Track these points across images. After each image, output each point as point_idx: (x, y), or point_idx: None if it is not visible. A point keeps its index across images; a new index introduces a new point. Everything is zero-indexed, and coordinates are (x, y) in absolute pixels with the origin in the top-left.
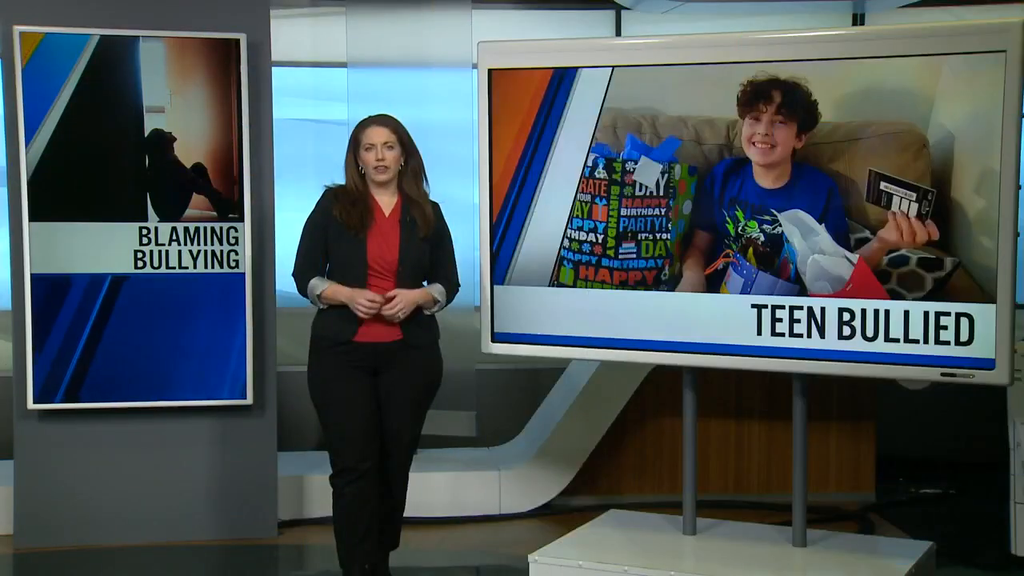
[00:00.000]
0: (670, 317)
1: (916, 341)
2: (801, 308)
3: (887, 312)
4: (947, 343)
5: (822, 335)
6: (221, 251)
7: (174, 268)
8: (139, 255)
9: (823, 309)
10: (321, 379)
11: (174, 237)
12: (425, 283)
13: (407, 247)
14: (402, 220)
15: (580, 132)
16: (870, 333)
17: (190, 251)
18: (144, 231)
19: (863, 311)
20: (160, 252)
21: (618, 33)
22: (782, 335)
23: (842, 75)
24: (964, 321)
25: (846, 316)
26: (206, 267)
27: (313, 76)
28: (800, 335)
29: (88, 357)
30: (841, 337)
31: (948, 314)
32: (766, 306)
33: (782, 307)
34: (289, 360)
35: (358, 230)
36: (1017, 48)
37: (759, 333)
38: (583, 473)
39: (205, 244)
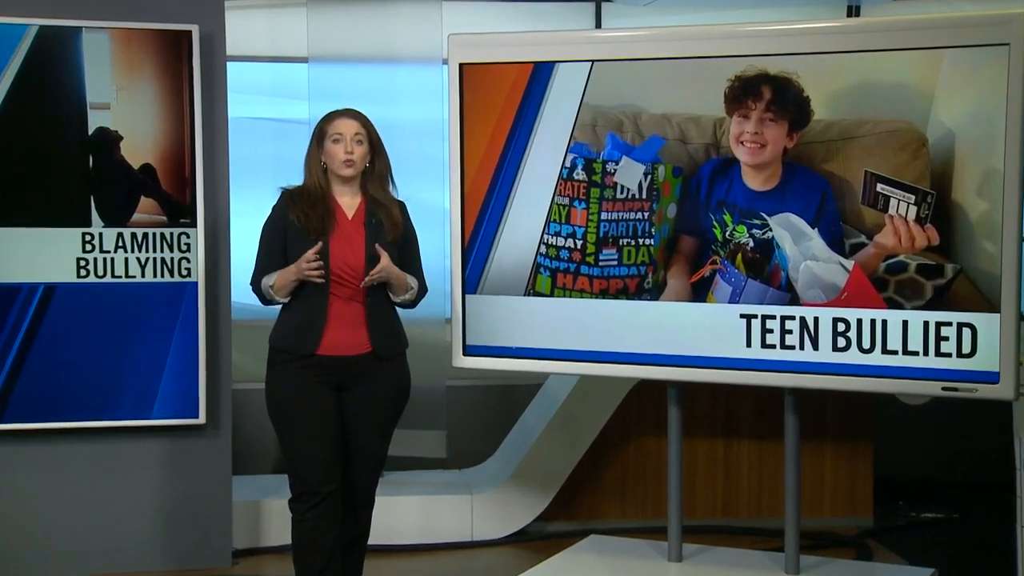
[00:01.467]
0: (654, 328)
1: (915, 353)
2: (793, 318)
3: (884, 322)
4: (948, 355)
5: (815, 347)
6: (172, 259)
7: (120, 277)
8: (82, 263)
9: (816, 319)
10: (280, 395)
11: (120, 244)
12: None
13: (373, 252)
14: (367, 223)
15: (557, 131)
16: (866, 345)
17: (138, 259)
18: (88, 237)
19: (859, 321)
20: (105, 260)
21: (598, 26)
22: (773, 347)
23: (836, 70)
24: (966, 332)
25: (841, 326)
26: (155, 276)
27: (271, 71)
28: (792, 347)
29: (16, 373)
30: (836, 349)
31: (949, 324)
32: (756, 316)
33: (773, 317)
34: (245, 376)
35: (319, 234)
36: (1021, 41)
37: (748, 345)
38: (561, 496)
39: (154, 251)
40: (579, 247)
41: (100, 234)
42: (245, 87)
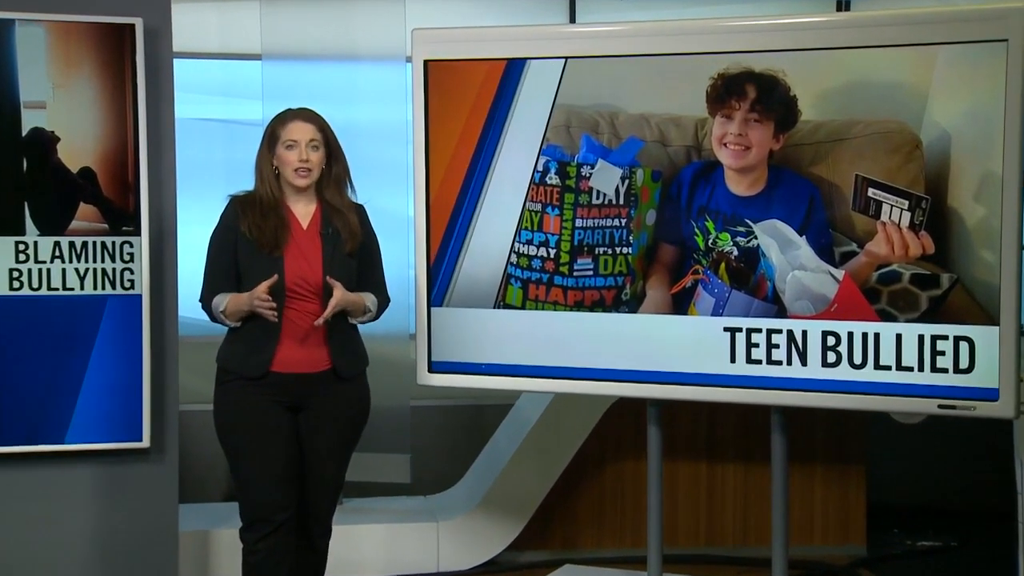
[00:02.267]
0: (632, 342)
1: (910, 369)
2: (780, 331)
3: (877, 336)
4: (945, 371)
5: (804, 362)
6: (113, 269)
7: (57, 289)
8: (15, 274)
9: (805, 333)
10: (229, 416)
11: (57, 253)
12: None
13: (331, 264)
14: (323, 233)
15: (529, 132)
16: (858, 360)
17: (76, 269)
18: (21, 247)
19: (850, 335)
20: (41, 271)
21: (572, 20)
22: (759, 362)
23: (825, 68)
24: (963, 346)
25: (831, 340)
26: (95, 288)
27: (222, 69)
28: (779, 362)
29: None
30: (825, 364)
31: (945, 338)
32: (740, 329)
33: (758, 330)
34: (193, 396)
35: (272, 248)
36: (1020, 37)
37: (733, 360)
38: (534, 524)
39: (94, 261)
40: (552, 256)
41: (35, 243)
42: (193, 86)
